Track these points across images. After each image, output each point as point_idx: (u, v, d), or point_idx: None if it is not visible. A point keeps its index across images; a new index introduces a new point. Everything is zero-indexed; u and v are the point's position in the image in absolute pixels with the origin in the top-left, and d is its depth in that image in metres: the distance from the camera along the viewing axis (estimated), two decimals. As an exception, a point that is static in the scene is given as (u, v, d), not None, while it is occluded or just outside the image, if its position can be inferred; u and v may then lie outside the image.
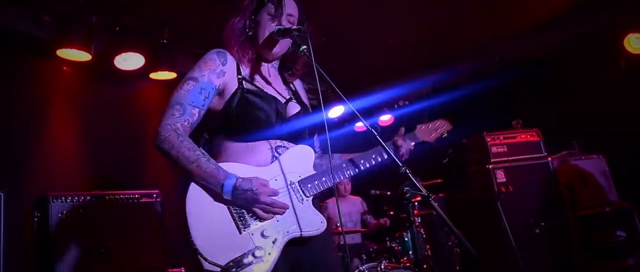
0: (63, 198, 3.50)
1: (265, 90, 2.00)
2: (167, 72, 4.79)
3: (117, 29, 4.48)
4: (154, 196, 3.95)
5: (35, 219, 3.48)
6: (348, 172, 2.03)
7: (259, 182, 1.78)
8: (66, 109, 4.61)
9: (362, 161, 2.06)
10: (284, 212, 1.83)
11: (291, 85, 2.21)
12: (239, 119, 1.90)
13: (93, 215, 3.60)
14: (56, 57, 4.22)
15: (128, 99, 5.07)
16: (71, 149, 4.53)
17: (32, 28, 4.11)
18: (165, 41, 4.73)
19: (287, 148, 1.95)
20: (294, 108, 2.07)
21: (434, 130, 2.35)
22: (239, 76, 1.96)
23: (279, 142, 1.94)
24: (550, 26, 5.47)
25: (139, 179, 4.65)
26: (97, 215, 3.62)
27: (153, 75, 4.84)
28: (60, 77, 4.61)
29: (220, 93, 1.94)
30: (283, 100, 2.03)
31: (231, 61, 1.97)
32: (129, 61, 4.58)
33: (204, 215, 1.76)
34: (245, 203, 1.77)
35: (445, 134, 2.40)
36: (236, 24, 2.01)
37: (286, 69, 2.20)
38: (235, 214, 1.79)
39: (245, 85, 1.95)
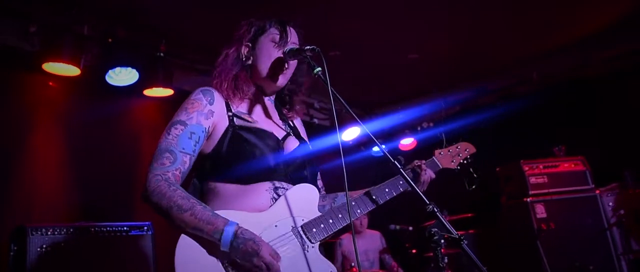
0: (43, 230, 3.45)
1: (259, 125, 1.99)
2: (162, 89, 4.79)
3: (110, 40, 4.52)
4: (145, 228, 3.91)
5: (11, 254, 3.42)
6: (358, 210, 2.01)
7: (258, 236, 1.75)
8: (50, 129, 4.61)
9: (374, 197, 2.04)
10: None
11: (290, 121, 2.21)
12: (232, 159, 1.89)
13: (76, 250, 3.54)
14: (42, 71, 4.24)
15: (120, 118, 5.07)
16: (54, 175, 4.51)
17: (15, 39, 4.15)
18: (161, 54, 4.74)
19: (288, 189, 1.92)
20: (292, 144, 2.05)
21: (454, 155, 2.34)
22: (229, 113, 1.97)
23: (278, 183, 1.92)
24: (598, 42, 5.39)
25: (129, 209, 4.61)
26: (81, 250, 3.56)
27: (148, 92, 4.85)
28: (45, 94, 4.63)
29: (210, 135, 1.94)
30: (280, 136, 2.02)
31: (219, 99, 1.97)
32: (122, 76, 4.60)
33: (194, 269, 1.72)
34: (244, 256, 1.71)
35: (469, 159, 2.38)
36: (230, 56, 2.03)
37: (283, 104, 2.21)
38: (231, 268, 1.74)
39: (237, 122, 1.95)
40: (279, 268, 1.73)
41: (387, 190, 2.06)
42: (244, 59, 2.04)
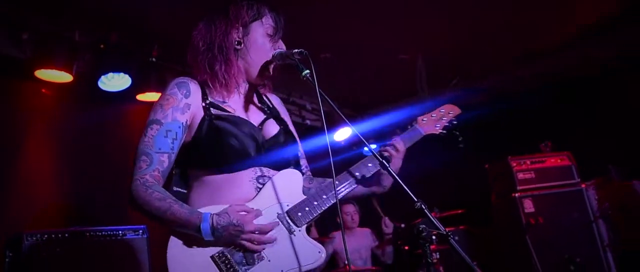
0: (39, 236, 3.44)
1: (236, 113, 1.99)
2: (156, 93, 4.78)
3: (102, 46, 4.54)
4: (140, 231, 3.90)
5: (7, 260, 3.41)
6: (344, 187, 1.99)
7: (236, 213, 1.76)
8: (44, 135, 4.63)
9: (357, 172, 2.02)
10: (275, 240, 1.81)
11: (266, 99, 2.19)
12: (211, 151, 1.89)
13: (72, 254, 3.53)
14: (34, 78, 4.26)
15: (113, 124, 5.07)
16: (49, 180, 4.53)
17: (7, 47, 4.17)
18: (154, 59, 4.77)
19: (270, 176, 1.93)
20: (272, 128, 2.05)
21: (438, 120, 2.30)
22: (205, 103, 1.95)
23: (260, 171, 1.92)
24: (583, 41, 5.47)
25: (124, 213, 4.59)
26: (77, 254, 3.56)
27: (141, 97, 4.87)
28: (38, 101, 4.65)
29: (189, 127, 1.93)
30: (258, 121, 2.03)
31: (194, 90, 1.96)
32: (115, 82, 4.63)
33: (186, 269, 1.75)
34: (231, 240, 1.76)
35: (454, 121, 2.33)
36: (219, 36, 1.98)
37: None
38: (220, 262, 1.77)
39: (213, 111, 1.94)
40: (268, 227, 1.78)
41: (370, 165, 2.04)
42: (235, 43, 1.99)
